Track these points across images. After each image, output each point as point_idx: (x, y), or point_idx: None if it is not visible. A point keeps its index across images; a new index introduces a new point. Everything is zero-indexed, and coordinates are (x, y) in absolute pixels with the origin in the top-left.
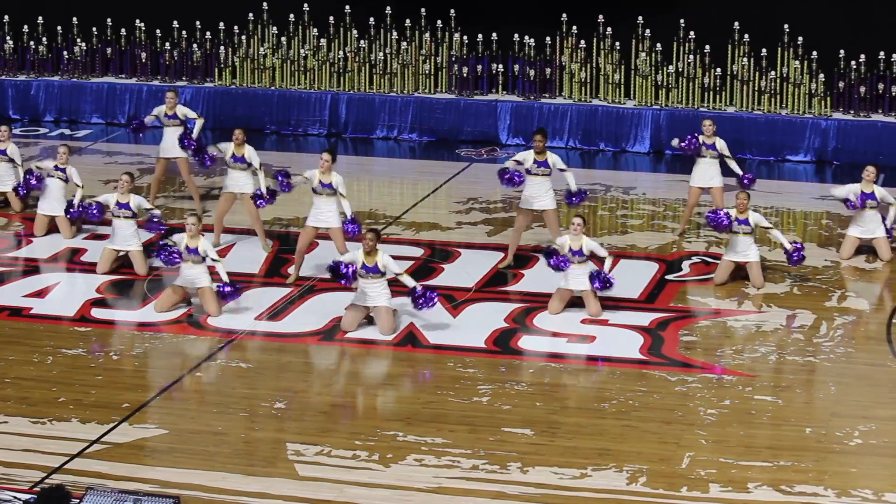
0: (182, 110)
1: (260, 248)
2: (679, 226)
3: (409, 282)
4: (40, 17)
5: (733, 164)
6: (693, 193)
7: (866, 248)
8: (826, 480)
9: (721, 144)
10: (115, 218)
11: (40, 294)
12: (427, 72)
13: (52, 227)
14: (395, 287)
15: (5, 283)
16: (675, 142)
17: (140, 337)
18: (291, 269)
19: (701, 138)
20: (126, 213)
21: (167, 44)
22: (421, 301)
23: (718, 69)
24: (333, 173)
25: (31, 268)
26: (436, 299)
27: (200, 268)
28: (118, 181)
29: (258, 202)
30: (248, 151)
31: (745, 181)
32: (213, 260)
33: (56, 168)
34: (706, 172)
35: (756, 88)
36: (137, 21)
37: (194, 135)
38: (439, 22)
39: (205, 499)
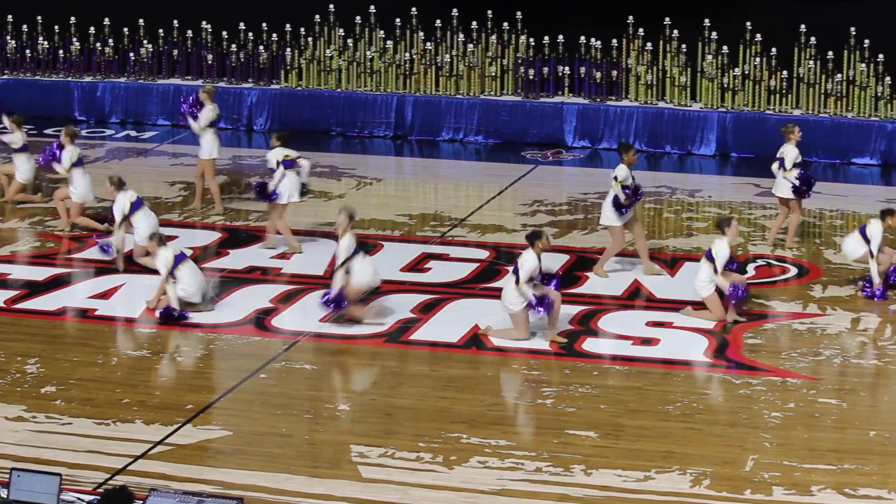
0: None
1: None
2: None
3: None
4: (107, 19)
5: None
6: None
7: None
8: (890, 484)
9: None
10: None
11: (105, 296)
12: (493, 74)
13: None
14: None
15: (70, 284)
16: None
17: (204, 338)
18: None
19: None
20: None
21: (233, 45)
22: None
23: (785, 72)
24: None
25: (96, 269)
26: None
27: None
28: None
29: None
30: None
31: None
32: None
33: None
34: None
35: (822, 91)
36: (204, 23)
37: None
38: (505, 24)
39: (269, 500)
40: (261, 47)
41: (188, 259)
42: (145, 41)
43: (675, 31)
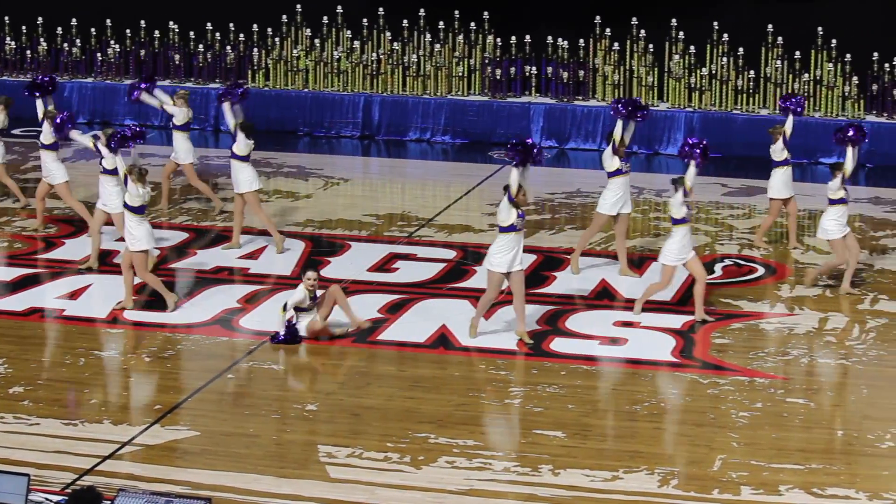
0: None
1: (284, 249)
2: (791, 240)
3: None
4: (74, 20)
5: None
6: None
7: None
8: (858, 483)
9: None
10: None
11: (73, 296)
12: (460, 74)
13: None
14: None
15: (39, 284)
16: None
17: (172, 339)
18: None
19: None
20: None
21: (200, 46)
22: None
23: (752, 72)
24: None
25: (65, 269)
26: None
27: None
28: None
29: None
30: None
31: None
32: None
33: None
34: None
35: (790, 91)
36: (171, 23)
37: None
38: (473, 24)
39: (237, 500)
40: (228, 47)
41: (144, 213)
42: (112, 41)
43: (643, 31)
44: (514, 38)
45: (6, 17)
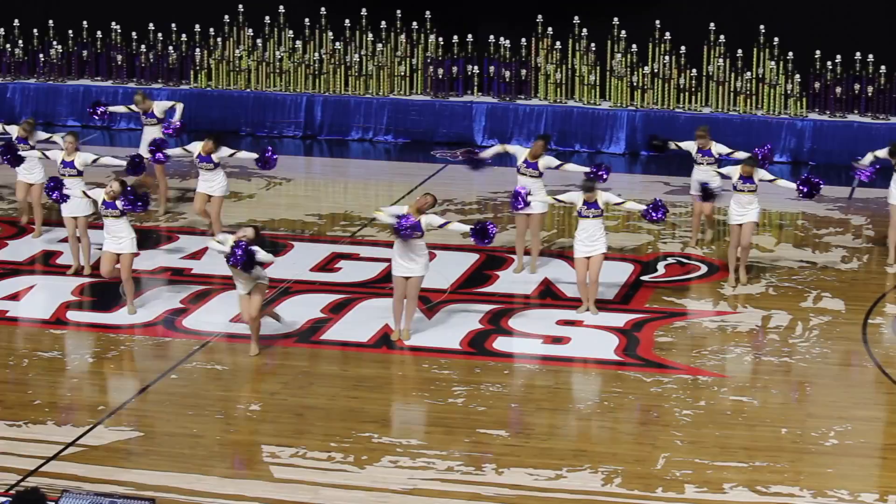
0: (160, 106)
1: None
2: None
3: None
4: (16, 20)
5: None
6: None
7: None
8: (802, 481)
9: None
10: (62, 177)
11: (16, 297)
12: (402, 73)
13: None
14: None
15: None
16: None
17: (115, 340)
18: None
19: (698, 144)
20: (70, 171)
21: (143, 46)
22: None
23: (694, 70)
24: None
25: (6, 271)
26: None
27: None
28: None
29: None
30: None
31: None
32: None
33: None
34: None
35: (732, 89)
36: (113, 23)
37: (176, 117)
38: (415, 24)
39: (181, 501)
40: (170, 48)
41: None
42: (55, 42)
43: (584, 30)
44: (456, 37)
45: None
